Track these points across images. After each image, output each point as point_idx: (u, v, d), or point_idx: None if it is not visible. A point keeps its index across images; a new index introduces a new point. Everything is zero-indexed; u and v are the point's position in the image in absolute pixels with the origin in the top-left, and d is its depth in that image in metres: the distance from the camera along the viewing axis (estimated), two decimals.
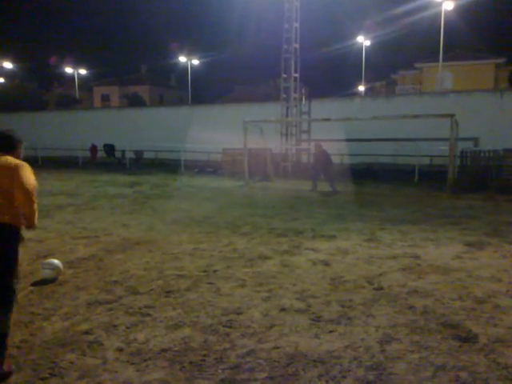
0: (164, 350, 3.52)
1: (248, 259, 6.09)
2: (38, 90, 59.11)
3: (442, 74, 31.03)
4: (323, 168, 14.02)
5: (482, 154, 15.26)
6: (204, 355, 3.44)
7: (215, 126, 24.85)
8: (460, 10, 34.95)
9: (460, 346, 3.57)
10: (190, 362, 3.34)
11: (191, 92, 49.57)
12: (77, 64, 55.10)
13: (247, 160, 17.27)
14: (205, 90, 61.59)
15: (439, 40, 32.16)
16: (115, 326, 3.97)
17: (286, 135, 22.30)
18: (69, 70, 54.80)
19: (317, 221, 9.00)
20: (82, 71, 55.49)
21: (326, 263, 5.89)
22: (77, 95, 54.55)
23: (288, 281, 5.18)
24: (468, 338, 3.69)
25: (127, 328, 3.93)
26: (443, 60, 33.04)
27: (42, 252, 6.45)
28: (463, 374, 3.17)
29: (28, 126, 35.80)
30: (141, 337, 3.76)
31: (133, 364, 3.33)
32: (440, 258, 6.17)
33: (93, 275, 5.40)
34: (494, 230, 8.02)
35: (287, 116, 22.09)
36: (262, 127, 20.76)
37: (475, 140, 17.71)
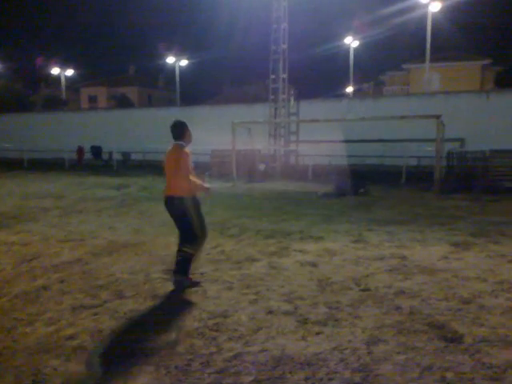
0: (150, 355, 3.49)
1: (235, 261, 6.06)
2: (24, 91, 58.47)
3: (430, 75, 31.33)
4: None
5: (469, 155, 15.41)
6: (190, 359, 3.42)
7: (204, 128, 24.63)
8: (446, 12, 35.24)
9: (446, 347, 3.58)
10: (176, 367, 3.31)
11: (180, 93, 49.33)
12: (64, 65, 54.52)
13: (235, 161, 17.25)
14: (193, 91, 61.32)
15: (426, 41, 32.41)
16: (100, 330, 3.93)
17: (275, 136, 22.33)
18: (55, 70, 54.20)
19: (305, 222, 9.00)
20: (69, 72, 54.90)
21: (314, 265, 5.89)
22: (64, 96, 54.03)
23: (275, 283, 5.17)
24: (454, 339, 3.71)
25: (112, 332, 3.88)
26: (430, 61, 33.30)
27: (27, 256, 6.37)
28: (449, 375, 3.18)
29: (14, 128, 35.49)
30: (126, 341, 3.71)
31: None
32: (427, 258, 6.20)
33: (78, 279, 5.34)
34: (480, 230, 8.09)
35: (276, 117, 22.12)
36: (251, 128, 20.76)
37: (461, 141, 17.91)
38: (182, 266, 4.90)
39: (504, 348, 3.54)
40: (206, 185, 5.09)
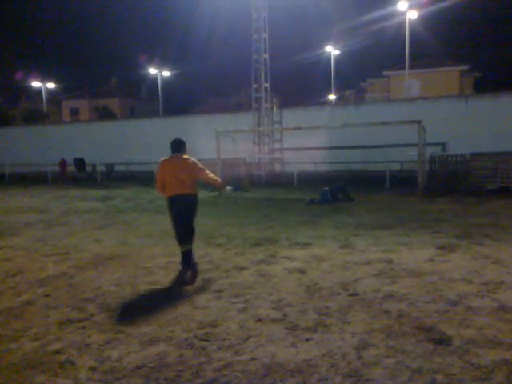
0: (138, 367, 3.44)
1: (224, 270, 6.04)
2: (4, 105, 57.77)
3: (410, 81, 31.77)
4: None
5: (450, 159, 15.65)
6: (179, 370, 3.38)
7: (188, 137, 24.62)
8: (424, 19, 35.98)
9: (434, 349, 3.61)
10: (166, 379, 3.27)
11: (162, 104, 49.22)
12: (44, 78, 54.03)
13: (220, 170, 17.24)
14: (176, 102, 61.30)
15: (405, 48, 32.94)
16: (88, 344, 3.86)
17: (259, 144, 22.40)
18: (36, 83, 53.67)
19: (292, 229, 9.02)
20: (50, 85, 54.40)
21: (302, 271, 5.90)
22: (45, 109, 53.47)
23: (264, 290, 5.16)
24: (442, 341, 3.73)
25: (100, 346, 3.82)
26: (410, 68, 33.82)
27: (11, 271, 6.26)
28: (439, 377, 3.20)
29: None
30: (114, 354, 3.66)
31: (106, 383, 3.24)
32: (413, 261, 6.26)
33: (64, 293, 5.26)
34: (464, 232, 8.20)
35: (259, 125, 22.21)
36: (235, 137, 20.79)
37: (443, 145, 18.18)
38: (190, 260, 5.79)
39: (491, 348, 3.58)
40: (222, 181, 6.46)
